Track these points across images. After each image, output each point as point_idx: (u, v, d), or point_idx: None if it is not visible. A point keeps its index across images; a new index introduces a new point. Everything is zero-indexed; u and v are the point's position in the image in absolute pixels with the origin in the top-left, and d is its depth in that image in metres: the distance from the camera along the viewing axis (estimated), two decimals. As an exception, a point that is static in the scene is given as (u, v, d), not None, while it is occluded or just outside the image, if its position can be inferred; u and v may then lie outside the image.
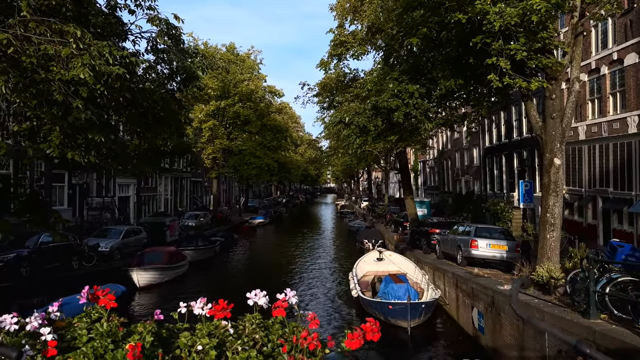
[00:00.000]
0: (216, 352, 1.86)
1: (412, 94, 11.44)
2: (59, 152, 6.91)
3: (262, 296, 2.07)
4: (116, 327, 1.90)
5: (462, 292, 15.66)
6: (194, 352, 1.82)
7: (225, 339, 1.94)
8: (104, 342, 1.81)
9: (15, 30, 6.92)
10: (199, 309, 2.10)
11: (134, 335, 1.86)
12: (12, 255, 18.60)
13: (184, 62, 11.18)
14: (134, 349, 1.73)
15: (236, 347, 1.88)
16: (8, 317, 1.90)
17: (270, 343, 1.93)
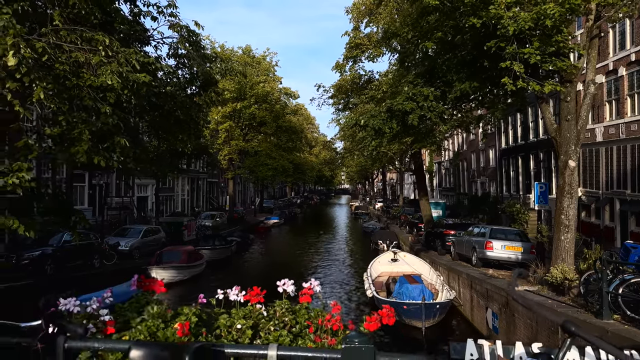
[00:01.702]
0: (251, 331, 2.13)
1: (427, 96, 11.61)
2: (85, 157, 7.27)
3: (290, 284, 2.34)
4: (165, 309, 2.18)
5: (476, 293, 15.74)
6: (233, 330, 2.09)
7: (259, 320, 2.20)
8: (155, 321, 2.09)
9: (48, 38, 7.31)
10: (234, 295, 2.37)
11: (181, 316, 2.14)
12: (37, 253, 19.25)
13: (204, 68, 11.54)
14: (182, 327, 2.01)
15: (269, 327, 2.15)
16: (72, 300, 2.19)
17: (298, 325, 2.19)
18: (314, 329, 2.16)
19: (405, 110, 11.52)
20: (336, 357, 1.97)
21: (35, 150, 6.65)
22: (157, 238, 27.82)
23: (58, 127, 7.16)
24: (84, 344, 2.01)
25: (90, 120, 7.25)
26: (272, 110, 47.12)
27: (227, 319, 2.17)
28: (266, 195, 70.18)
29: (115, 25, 10.75)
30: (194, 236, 33.24)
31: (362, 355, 1.89)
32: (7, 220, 6.47)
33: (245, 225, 44.23)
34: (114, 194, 33.98)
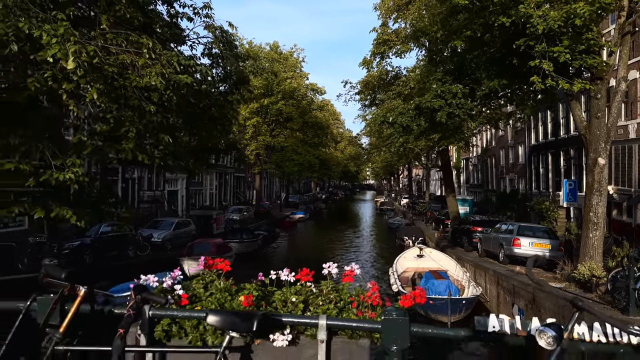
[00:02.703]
0: (302, 305, 2.50)
1: (455, 94, 11.74)
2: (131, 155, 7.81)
3: (334, 267, 2.70)
4: (230, 285, 2.58)
5: (503, 289, 15.82)
6: (288, 304, 2.46)
7: (308, 297, 2.57)
8: (223, 294, 2.49)
9: (96, 41, 7.83)
10: (285, 276, 2.74)
11: (244, 291, 2.52)
12: (77, 243, 20.23)
13: (237, 66, 11.98)
14: (247, 299, 2.39)
15: (317, 302, 2.51)
16: (152, 276, 2.60)
17: (342, 301, 2.54)
18: (356, 305, 2.50)
19: (434, 107, 11.69)
20: (377, 327, 2.31)
21: (89, 146, 7.18)
22: (188, 230, 28.68)
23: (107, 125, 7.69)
24: (164, 313, 2.42)
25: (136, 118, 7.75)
26: (298, 106, 47.54)
27: (282, 295, 2.54)
28: (291, 191, 70.84)
29: (153, 27, 11.28)
30: (223, 229, 34.00)
31: (398, 325, 2.23)
32: (61, 211, 7.03)
33: (271, 220, 44.87)
34: (145, 187, 35.05)
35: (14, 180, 7.31)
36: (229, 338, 2.19)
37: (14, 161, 6.63)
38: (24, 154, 7.16)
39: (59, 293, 2.26)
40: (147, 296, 2.37)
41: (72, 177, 6.79)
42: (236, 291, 2.58)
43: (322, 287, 2.62)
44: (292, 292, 2.59)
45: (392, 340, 2.23)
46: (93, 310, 2.36)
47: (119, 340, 2.16)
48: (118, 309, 2.43)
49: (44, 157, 7.24)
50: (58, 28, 6.61)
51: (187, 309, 2.49)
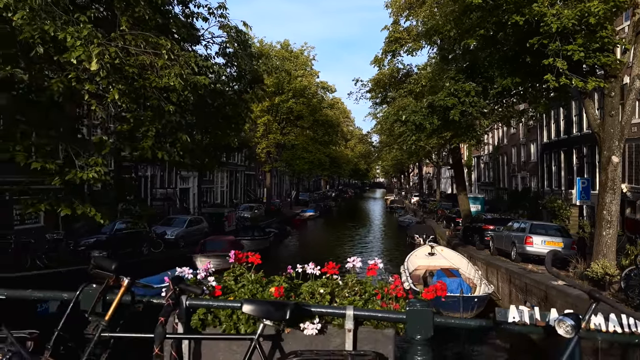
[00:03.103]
0: (329, 297, 2.64)
1: (468, 92, 11.79)
2: (151, 153, 8.02)
3: (358, 261, 2.84)
4: (260, 277, 2.73)
5: (515, 287, 15.83)
6: (316, 295, 2.60)
7: (334, 289, 2.70)
8: (255, 286, 2.64)
9: (117, 42, 8.03)
10: (310, 269, 2.87)
11: (274, 282, 2.67)
12: (92, 240, 20.58)
13: (251, 66, 12.15)
14: (277, 290, 2.54)
15: (344, 294, 2.65)
16: (186, 269, 2.75)
17: (366, 293, 2.67)
18: (380, 297, 2.63)
19: (447, 105, 11.75)
20: (401, 318, 2.44)
21: (108, 145, 7.38)
22: (200, 228, 28.98)
23: (127, 125, 7.89)
24: (200, 302, 2.57)
25: (155, 118, 7.95)
26: (309, 104, 47.67)
27: (309, 287, 2.68)
28: (301, 188, 71.05)
29: (170, 27, 11.47)
30: (234, 227, 34.27)
31: (422, 315, 2.36)
32: (85, 208, 7.25)
33: (282, 218, 45.08)
34: (158, 185, 35.45)
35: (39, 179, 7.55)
36: (262, 326, 2.33)
37: (40, 160, 6.85)
38: (49, 154, 7.39)
39: (104, 283, 2.42)
40: (184, 287, 2.52)
41: (95, 175, 7.00)
42: (266, 283, 2.72)
43: (347, 280, 2.76)
44: (319, 284, 2.72)
45: (417, 330, 2.36)
46: (133, 300, 2.51)
47: (161, 327, 2.31)
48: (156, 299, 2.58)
49: (68, 156, 7.46)
50: (82, 30, 6.81)
51: (221, 299, 2.64)
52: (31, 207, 7.31)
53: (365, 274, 2.86)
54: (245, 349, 2.51)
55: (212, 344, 2.56)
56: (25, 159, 6.84)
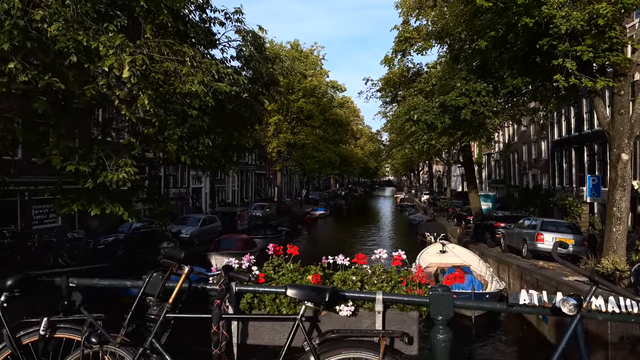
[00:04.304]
0: (360, 284, 3.00)
1: (479, 92, 12.05)
2: (175, 156, 8.46)
3: (384, 252, 3.19)
4: (298, 266, 3.09)
5: (526, 283, 16.05)
6: (349, 282, 2.96)
7: (364, 277, 3.06)
8: (294, 274, 3.00)
9: (142, 50, 8.43)
10: (341, 260, 3.23)
11: (311, 271, 3.03)
12: (111, 239, 21.18)
13: (268, 69, 12.51)
14: (315, 277, 2.90)
15: (372, 281, 3.00)
16: (233, 260, 3.12)
17: (392, 280, 3.02)
18: (405, 283, 2.98)
19: (458, 105, 12.02)
20: (425, 301, 2.79)
21: (137, 147, 7.80)
22: (214, 227, 29.52)
23: (153, 128, 8.31)
24: (248, 288, 2.94)
25: (179, 122, 8.36)
26: (319, 104, 47.96)
27: (341, 275, 3.05)
28: (311, 187, 71.43)
29: (188, 32, 11.87)
30: (246, 225, 34.74)
31: (444, 299, 2.70)
32: (114, 208, 7.67)
33: (292, 216, 45.48)
34: (171, 185, 36.03)
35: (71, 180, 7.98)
36: (304, 308, 2.68)
37: (74, 163, 7.28)
38: (82, 156, 7.82)
39: (168, 271, 2.79)
40: (233, 275, 2.89)
41: (125, 176, 7.42)
42: (303, 272, 3.08)
43: (374, 269, 3.11)
44: (349, 273, 3.08)
45: (439, 312, 2.70)
46: (190, 286, 2.88)
47: (217, 309, 2.68)
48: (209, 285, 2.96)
49: (99, 158, 7.89)
50: (114, 40, 7.22)
51: (265, 285, 3.01)
52: (65, 207, 7.75)
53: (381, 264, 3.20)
54: (287, 329, 2.87)
55: (257, 324, 2.92)
56: (61, 162, 7.28)
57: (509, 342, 14.96)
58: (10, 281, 2.82)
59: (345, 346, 2.63)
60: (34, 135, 8.21)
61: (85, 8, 7.71)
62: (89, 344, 2.63)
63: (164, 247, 2.77)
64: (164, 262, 2.78)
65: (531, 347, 14.19)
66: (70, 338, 2.82)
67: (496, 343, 15.02)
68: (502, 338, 15.32)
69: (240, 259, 3.22)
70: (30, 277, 2.95)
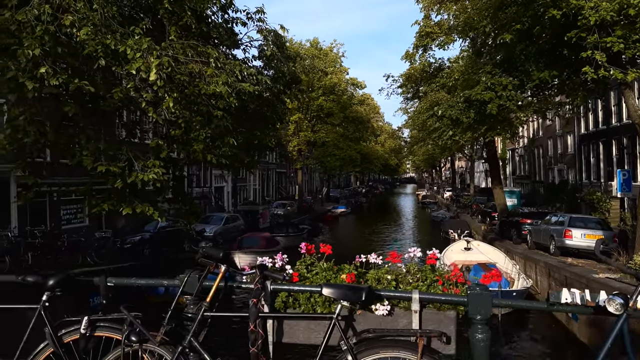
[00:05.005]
0: (395, 283, 2.97)
1: (505, 86, 11.82)
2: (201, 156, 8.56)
3: (418, 251, 3.15)
4: (332, 265, 3.08)
5: (554, 280, 15.74)
6: (384, 280, 2.94)
7: (398, 275, 3.03)
8: (328, 273, 2.99)
9: (167, 52, 8.55)
10: (373, 259, 3.21)
11: (345, 270, 3.02)
12: (137, 238, 21.57)
13: (290, 68, 12.53)
14: (349, 276, 2.89)
15: (408, 280, 2.97)
16: (267, 258, 3.13)
17: (428, 279, 2.99)
18: (442, 282, 2.94)
19: (484, 99, 11.82)
20: (462, 301, 2.75)
21: (165, 149, 7.92)
22: (237, 225, 29.81)
23: (179, 130, 8.44)
24: (283, 287, 2.94)
25: (205, 123, 8.47)
26: (339, 102, 47.83)
27: (375, 273, 3.03)
28: (331, 185, 71.42)
29: (210, 33, 11.97)
30: (268, 224, 34.96)
31: (482, 299, 2.66)
32: (144, 207, 7.81)
33: (313, 214, 45.58)
34: (194, 184, 36.49)
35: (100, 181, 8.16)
36: (340, 307, 2.67)
37: (105, 164, 7.44)
38: (111, 157, 7.99)
39: (206, 270, 2.82)
40: (268, 273, 2.90)
41: (155, 177, 7.55)
42: (337, 271, 3.07)
43: (409, 267, 3.08)
44: (383, 271, 3.06)
45: (477, 311, 2.66)
46: (226, 285, 2.91)
47: (254, 307, 2.69)
48: (245, 283, 2.98)
49: (128, 159, 8.05)
50: (141, 43, 7.35)
51: (299, 284, 3.01)
52: (97, 207, 7.94)
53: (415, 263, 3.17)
54: (322, 328, 2.87)
55: (292, 323, 2.93)
56: (92, 162, 7.45)
57: (538, 340, 14.70)
58: (52, 281, 2.89)
59: (383, 345, 2.61)
60: (64, 138, 8.40)
61: (111, 12, 7.86)
62: (129, 342, 2.67)
63: (202, 247, 2.80)
64: (202, 261, 2.81)
65: (560, 345, 13.92)
66: (110, 336, 2.87)
67: (524, 341, 14.77)
68: (531, 336, 15.06)
69: (273, 258, 3.23)
70: (70, 276, 3.02)
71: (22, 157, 8.24)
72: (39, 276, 2.95)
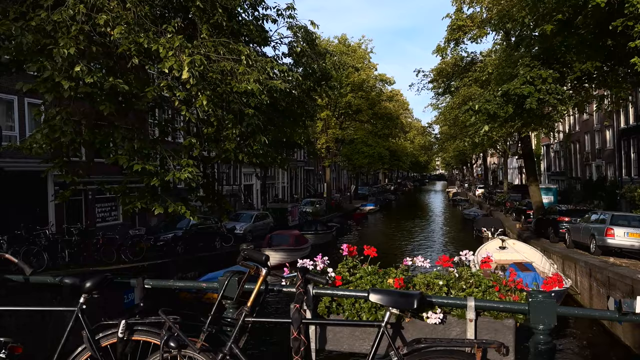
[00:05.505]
0: (446, 288, 2.77)
1: (545, 79, 11.33)
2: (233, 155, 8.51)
3: (470, 254, 2.94)
4: (377, 268, 2.90)
5: (596, 281, 15.10)
6: (435, 286, 2.74)
7: (449, 280, 2.82)
8: (374, 277, 2.81)
9: (199, 50, 8.50)
10: (420, 262, 3.01)
11: (391, 274, 2.83)
12: (170, 236, 21.86)
13: (320, 64, 12.37)
14: (397, 281, 2.70)
15: (461, 285, 2.76)
16: (307, 260, 2.97)
17: (482, 285, 2.77)
18: (498, 288, 2.72)
19: (523, 94, 11.36)
20: (523, 309, 2.52)
21: (197, 148, 7.90)
22: (266, 223, 29.91)
23: (211, 128, 8.40)
24: (326, 291, 2.78)
25: (237, 121, 8.40)
26: (367, 98, 47.42)
27: (424, 278, 2.82)
28: (359, 182, 71.00)
29: (241, 30, 11.91)
30: (297, 221, 34.96)
31: (546, 307, 2.43)
32: (176, 206, 7.81)
33: (342, 212, 45.37)
34: (224, 182, 36.83)
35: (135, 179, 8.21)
36: (389, 314, 2.49)
37: (140, 162, 7.46)
38: (146, 156, 8.02)
39: (246, 273, 2.68)
40: (310, 277, 2.74)
41: (189, 176, 7.54)
42: (382, 274, 2.89)
43: (461, 272, 2.86)
44: (433, 276, 2.85)
45: (540, 320, 2.44)
46: (267, 288, 2.76)
47: (297, 313, 2.54)
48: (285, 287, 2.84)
49: (163, 158, 8.08)
50: (174, 41, 7.33)
51: (343, 288, 2.83)
52: (129, 205, 7.98)
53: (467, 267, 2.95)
54: (367, 336, 2.69)
55: (336, 330, 2.76)
56: (128, 161, 7.49)
57: (579, 345, 14.12)
58: (90, 283, 2.81)
59: (437, 356, 2.42)
60: (99, 137, 8.49)
61: (144, 11, 7.87)
62: (168, 348, 2.56)
63: (243, 249, 2.66)
64: (243, 264, 2.67)
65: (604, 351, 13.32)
66: (148, 341, 2.78)
67: (565, 346, 14.21)
68: (571, 340, 14.48)
69: (314, 260, 3.07)
70: (108, 278, 2.94)
71: (59, 157, 8.36)
72: (76, 278, 2.88)
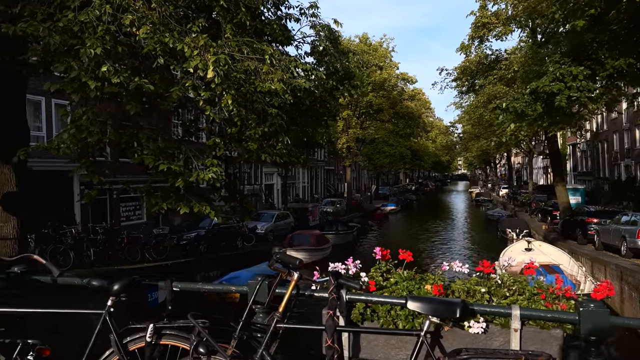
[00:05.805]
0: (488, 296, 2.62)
1: (575, 76, 10.97)
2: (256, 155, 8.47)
3: (513, 260, 2.79)
4: (413, 274, 2.77)
5: (627, 284, 14.60)
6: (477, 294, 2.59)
7: (490, 287, 2.67)
8: (410, 283, 2.68)
9: (223, 49, 8.47)
10: (457, 267, 2.86)
11: (429, 280, 2.70)
12: (193, 235, 22.05)
13: (343, 63, 12.25)
14: (436, 287, 2.57)
15: (503, 293, 2.61)
16: (339, 264, 2.86)
17: (526, 292, 2.61)
18: (545, 296, 2.56)
19: (553, 91, 11.02)
20: (572, 319, 2.36)
21: (222, 148, 7.87)
22: (287, 222, 29.93)
23: (235, 128, 8.37)
24: (360, 297, 2.66)
25: (260, 121, 8.36)
26: (389, 97, 46.94)
27: (463, 284, 2.68)
28: (380, 182, 70.52)
29: (263, 30, 11.86)
30: (318, 221, 34.88)
31: (597, 317, 2.26)
32: (201, 207, 7.79)
33: (362, 212, 45.11)
34: (245, 182, 37.01)
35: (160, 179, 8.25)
36: (428, 323, 2.36)
37: (165, 162, 7.48)
38: (171, 156, 8.04)
39: (278, 277, 2.59)
40: (343, 282, 2.62)
41: (214, 176, 7.52)
42: (419, 280, 2.75)
43: (503, 279, 2.71)
44: (473, 282, 2.71)
45: (591, 331, 2.27)
46: (298, 293, 2.66)
47: (331, 320, 2.43)
48: (317, 292, 2.72)
49: (188, 158, 8.09)
50: (198, 40, 7.32)
51: (380, 294, 2.71)
52: (156, 206, 8.01)
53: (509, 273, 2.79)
54: (402, 344, 2.57)
55: (370, 337, 2.64)
56: (154, 161, 7.52)
57: (609, 346, 13.64)
58: (118, 286, 2.76)
59: (480, 368, 2.28)
60: (124, 137, 8.54)
61: (169, 11, 7.88)
62: (197, 354, 2.48)
63: (275, 253, 2.56)
64: (274, 268, 2.57)
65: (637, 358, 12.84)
66: (176, 345, 2.70)
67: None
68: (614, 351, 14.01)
69: (345, 263, 2.95)
70: (136, 281, 2.88)
71: (86, 157, 8.44)
72: (104, 280, 2.83)
